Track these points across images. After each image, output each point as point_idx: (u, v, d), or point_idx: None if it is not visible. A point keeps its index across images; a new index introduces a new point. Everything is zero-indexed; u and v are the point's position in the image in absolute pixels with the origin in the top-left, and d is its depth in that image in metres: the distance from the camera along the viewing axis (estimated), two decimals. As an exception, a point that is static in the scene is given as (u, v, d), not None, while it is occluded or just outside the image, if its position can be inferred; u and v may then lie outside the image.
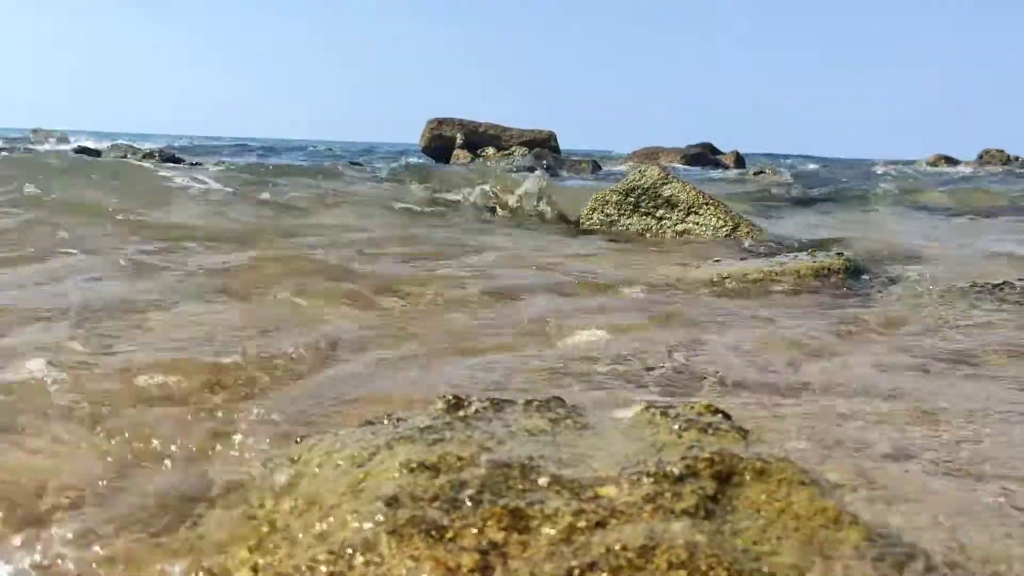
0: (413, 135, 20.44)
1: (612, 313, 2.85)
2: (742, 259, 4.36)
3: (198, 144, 29.12)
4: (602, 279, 3.60)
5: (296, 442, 1.40)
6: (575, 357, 2.18)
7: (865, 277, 3.82)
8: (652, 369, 2.09)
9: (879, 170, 16.15)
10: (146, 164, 9.41)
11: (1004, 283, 3.43)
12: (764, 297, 3.35)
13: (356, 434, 1.31)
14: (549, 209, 6.52)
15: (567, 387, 1.88)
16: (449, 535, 1.01)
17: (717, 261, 4.22)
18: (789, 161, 28.54)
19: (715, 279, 3.64)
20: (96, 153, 10.92)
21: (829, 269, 3.78)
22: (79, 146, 10.66)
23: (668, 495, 1.12)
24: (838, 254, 4.03)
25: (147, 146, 14.83)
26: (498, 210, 6.68)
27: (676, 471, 1.15)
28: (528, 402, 1.39)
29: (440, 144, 19.49)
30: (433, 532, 1.00)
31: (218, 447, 1.50)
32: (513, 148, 18.98)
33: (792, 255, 4.23)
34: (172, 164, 10.05)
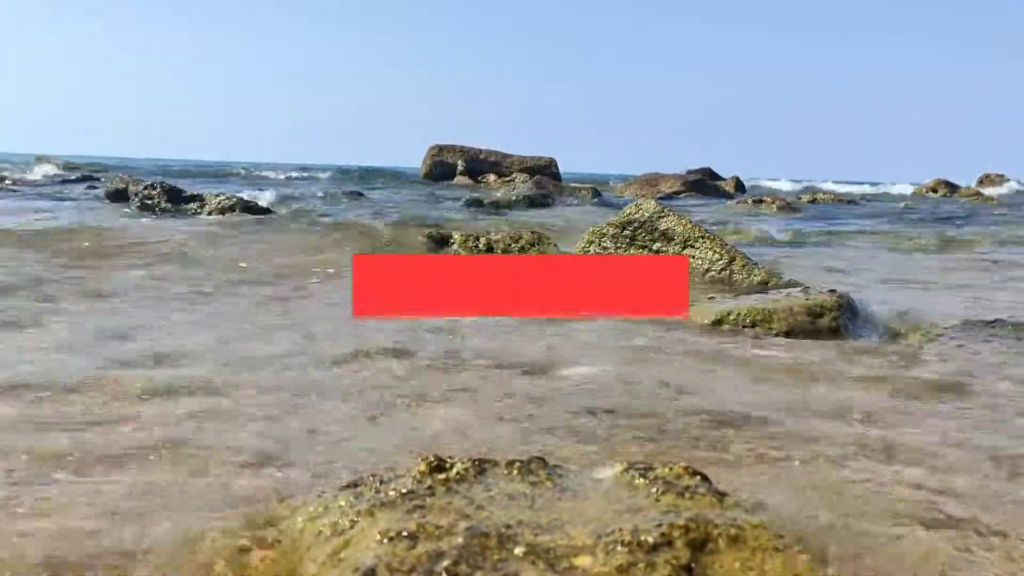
0: (407, 158, 20.64)
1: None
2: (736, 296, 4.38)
3: (193, 169, 29.19)
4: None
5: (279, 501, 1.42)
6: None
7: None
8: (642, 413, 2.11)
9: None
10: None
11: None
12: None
13: (339, 498, 1.33)
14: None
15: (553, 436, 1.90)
16: (425, 608, 1.03)
17: (712, 299, 4.25)
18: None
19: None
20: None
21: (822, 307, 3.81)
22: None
23: (642, 565, 1.14)
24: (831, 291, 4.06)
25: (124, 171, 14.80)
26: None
27: (651, 540, 1.17)
28: (510, 463, 1.42)
29: (441, 170, 19.62)
30: (409, 606, 1.02)
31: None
32: (514, 175, 19.08)
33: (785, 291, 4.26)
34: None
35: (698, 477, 1.41)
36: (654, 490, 1.34)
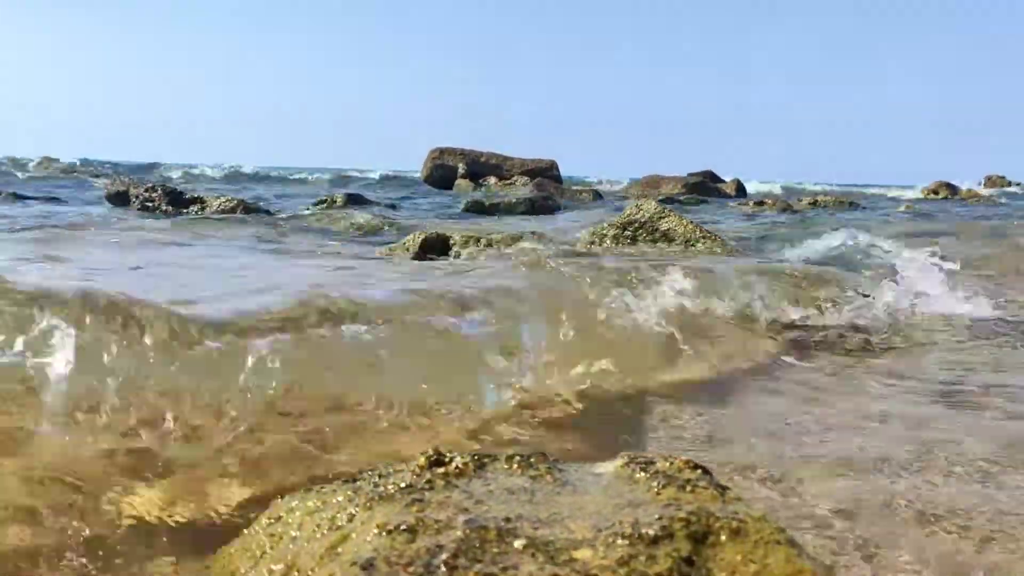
0: (407, 162, 20.67)
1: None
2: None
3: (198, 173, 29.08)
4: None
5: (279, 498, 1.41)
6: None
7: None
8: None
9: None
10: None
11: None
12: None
13: (337, 493, 1.32)
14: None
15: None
16: (423, 601, 1.02)
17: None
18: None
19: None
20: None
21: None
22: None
23: (643, 558, 1.13)
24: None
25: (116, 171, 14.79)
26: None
27: (652, 532, 1.16)
28: (510, 458, 1.41)
29: (442, 174, 19.63)
30: (407, 599, 1.01)
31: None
32: (515, 177, 19.09)
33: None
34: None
35: (699, 471, 1.40)
36: (655, 484, 1.33)
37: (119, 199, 9.91)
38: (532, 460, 1.42)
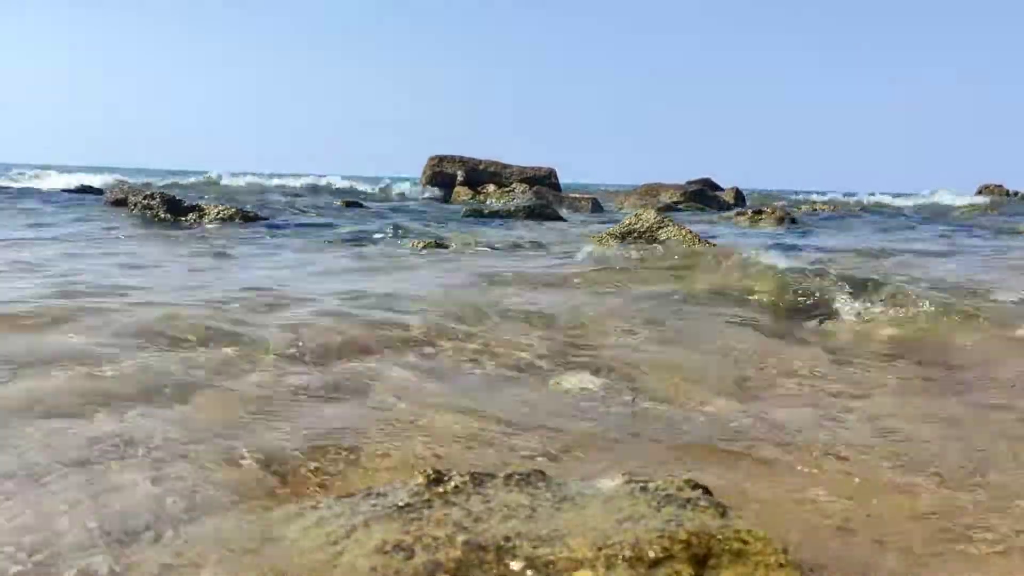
0: (406, 167, 20.68)
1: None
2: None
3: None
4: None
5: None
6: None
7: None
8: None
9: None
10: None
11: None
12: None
13: (335, 508, 1.31)
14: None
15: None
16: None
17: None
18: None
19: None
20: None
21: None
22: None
23: (643, 578, 1.11)
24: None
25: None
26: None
27: (652, 554, 1.15)
28: (508, 476, 1.39)
29: (441, 181, 19.64)
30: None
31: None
32: (513, 185, 19.09)
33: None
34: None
35: (699, 490, 1.39)
36: (655, 502, 1.32)
37: (118, 206, 9.91)
38: (531, 479, 1.40)
